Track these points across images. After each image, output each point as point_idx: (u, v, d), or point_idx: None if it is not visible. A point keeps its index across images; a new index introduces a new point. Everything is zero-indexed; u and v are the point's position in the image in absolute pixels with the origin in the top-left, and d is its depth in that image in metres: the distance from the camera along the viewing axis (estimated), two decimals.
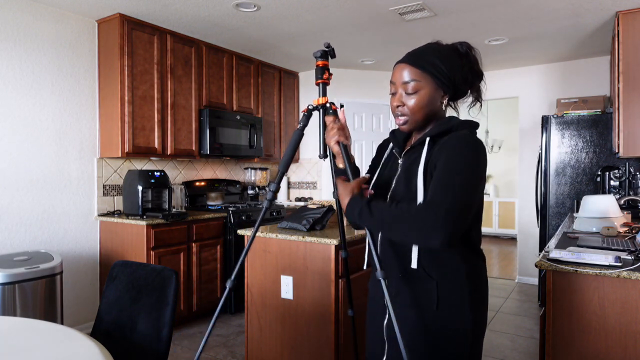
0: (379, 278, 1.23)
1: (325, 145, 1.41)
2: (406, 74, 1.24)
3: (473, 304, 1.22)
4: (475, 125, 1.28)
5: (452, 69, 1.24)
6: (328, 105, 1.42)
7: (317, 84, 1.43)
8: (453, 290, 1.21)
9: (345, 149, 1.35)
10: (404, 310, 1.27)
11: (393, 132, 1.41)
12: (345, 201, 1.25)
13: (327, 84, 1.43)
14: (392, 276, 1.30)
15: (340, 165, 1.40)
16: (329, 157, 1.44)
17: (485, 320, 1.29)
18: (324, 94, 1.42)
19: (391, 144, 1.42)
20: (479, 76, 1.31)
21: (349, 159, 1.34)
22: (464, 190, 1.11)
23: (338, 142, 1.34)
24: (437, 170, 1.16)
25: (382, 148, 1.49)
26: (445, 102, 1.28)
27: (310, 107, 1.45)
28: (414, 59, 1.25)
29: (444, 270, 1.22)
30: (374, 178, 1.41)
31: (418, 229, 1.09)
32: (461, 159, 1.14)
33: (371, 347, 1.41)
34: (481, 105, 1.34)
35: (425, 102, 1.24)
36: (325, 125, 1.40)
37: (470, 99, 1.34)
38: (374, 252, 1.28)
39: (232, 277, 1.43)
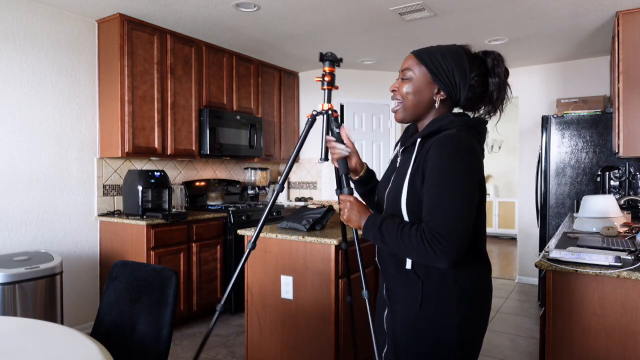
0: (364, 297, 1.37)
1: (326, 150, 1.47)
2: (407, 62, 1.30)
3: (461, 306, 1.21)
4: (473, 122, 1.23)
5: (453, 67, 1.23)
6: (330, 112, 1.47)
7: (323, 89, 1.49)
8: (438, 291, 1.21)
9: (344, 163, 1.41)
10: (394, 306, 1.31)
11: (407, 129, 1.43)
12: (362, 222, 1.28)
13: (332, 89, 1.49)
14: (386, 272, 1.35)
15: (354, 177, 1.48)
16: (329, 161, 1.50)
17: (482, 322, 1.27)
18: (329, 100, 1.48)
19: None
20: (497, 87, 1.25)
21: (346, 173, 1.40)
22: (459, 207, 1.12)
23: (337, 160, 1.42)
24: (426, 182, 1.17)
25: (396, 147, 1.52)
26: (438, 99, 1.27)
27: (314, 113, 1.50)
28: (419, 50, 1.30)
29: (432, 271, 1.22)
30: (381, 177, 1.45)
31: (424, 259, 1.15)
32: (449, 168, 1.13)
33: (377, 337, 1.47)
34: (498, 118, 1.33)
35: (412, 89, 1.27)
36: (327, 132, 1.47)
37: (486, 110, 1.31)
38: (362, 273, 1.36)
39: (222, 301, 1.50)
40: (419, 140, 1.26)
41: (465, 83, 1.24)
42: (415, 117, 1.31)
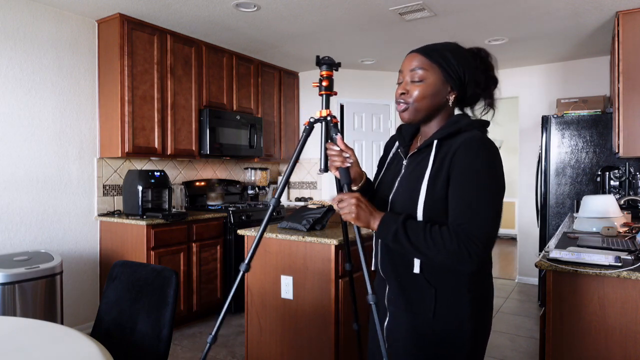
0: (370, 303, 1.23)
1: (325, 160, 1.34)
2: (415, 62, 1.22)
3: (474, 314, 1.19)
4: (485, 123, 1.25)
5: (463, 66, 1.21)
6: (329, 118, 1.35)
7: (321, 95, 1.36)
8: (452, 300, 1.19)
9: (346, 172, 1.29)
10: (401, 314, 1.26)
11: (400, 129, 1.38)
12: (376, 220, 1.18)
13: (331, 94, 1.35)
14: (392, 279, 1.28)
15: (354, 187, 1.37)
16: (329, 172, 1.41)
17: (488, 328, 1.26)
18: (327, 106, 1.36)
19: (397, 143, 1.39)
20: (494, 82, 1.28)
21: (348, 183, 1.28)
22: (493, 213, 1.11)
23: (337, 168, 1.30)
24: (455, 182, 1.13)
25: (389, 146, 1.46)
26: (451, 99, 1.23)
27: (311, 120, 1.38)
28: (425, 49, 1.23)
29: (446, 279, 1.19)
30: (379, 178, 1.39)
31: (453, 261, 1.11)
32: (479, 169, 1.12)
33: (372, 347, 1.41)
34: (494, 113, 1.30)
35: (429, 92, 1.21)
36: (326, 140, 1.36)
37: (482, 104, 1.31)
38: (365, 274, 1.26)
39: (213, 333, 1.38)
40: (435, 142, 1.21)
41: (472, 79, 1.24)
42: (426, 118, 1.26)
